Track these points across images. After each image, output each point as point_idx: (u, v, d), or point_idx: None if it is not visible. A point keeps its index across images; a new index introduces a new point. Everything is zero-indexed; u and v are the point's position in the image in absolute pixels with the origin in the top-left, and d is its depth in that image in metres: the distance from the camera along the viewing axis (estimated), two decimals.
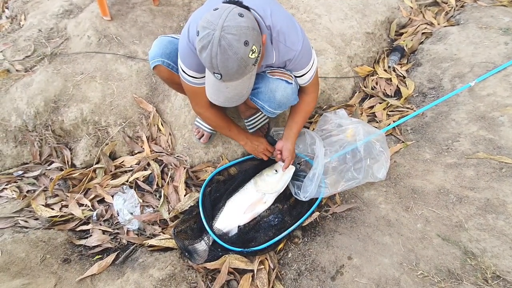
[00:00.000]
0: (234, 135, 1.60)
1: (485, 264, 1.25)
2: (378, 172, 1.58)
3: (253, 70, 1.09)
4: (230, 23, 0.96)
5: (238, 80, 1.06)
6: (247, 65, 1.01)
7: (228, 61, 0.97)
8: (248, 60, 1.00)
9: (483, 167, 1.56)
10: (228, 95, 1.11)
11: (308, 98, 1.48)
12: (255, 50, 1.01)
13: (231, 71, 1.00)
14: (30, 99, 1.88)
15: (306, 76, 1.36)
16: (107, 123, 1.91)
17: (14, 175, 1.85)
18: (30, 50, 2.10)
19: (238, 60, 0.98)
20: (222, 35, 0.95)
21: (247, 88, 1.12)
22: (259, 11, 1.16)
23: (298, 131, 1.53)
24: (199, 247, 1.49)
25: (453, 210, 1.45)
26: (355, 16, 2.32)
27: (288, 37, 1.20)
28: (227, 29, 0.96)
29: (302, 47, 1.23)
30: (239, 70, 1.01)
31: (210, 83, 1.13)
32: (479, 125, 1.73)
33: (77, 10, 2.32)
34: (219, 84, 1.09)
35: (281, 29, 1.18)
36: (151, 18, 2.27)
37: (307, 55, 1.29)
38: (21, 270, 1.36)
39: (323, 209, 1.63)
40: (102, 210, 1.71)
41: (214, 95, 1.13)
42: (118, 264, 1.47)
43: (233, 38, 0.96)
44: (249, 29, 0.98)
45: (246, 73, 1.05)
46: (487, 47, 2.07)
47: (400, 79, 2.20)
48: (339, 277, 1.35)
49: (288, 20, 1.21)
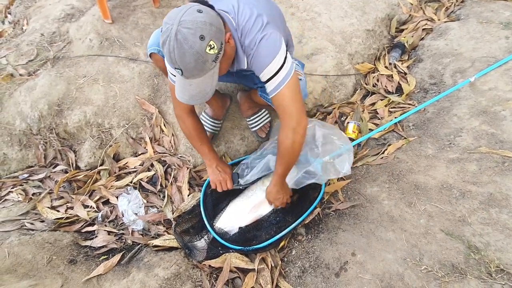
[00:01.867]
0: (203, 152, 1.53)
1: (489, 258, 1.25)
2: (342, 167, 1.53)
3: (214, 67, 1.07)
4: (187, 17, 0.98)
5: (199, 77, 1.06)
6: (205, 60, 1.01)
7: (184, 55, 0.98)
8: (205, 56, 1.00)
9: (485, 161, 1.56)
10: (192, 93, 1.11)
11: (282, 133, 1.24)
12: (214, 46, 1.01)
13: (189, 66, 1.00)
14: (34, 103, 1.90)
15: (271, 83, 1.17)
16: (111, 125, 1.92)
17: (19, 178, 1.88)
18: (33, 54, 2.13)
19: (194, 54, 0.98)
20: (178, 29, 0.97)
21: (210, 86, 1.11)
22: (229, 10, 1.16)
23: (282, 173, 1.37)
24: (199, 244, 1.50)
25: (456, 205, 1.45)
26: (355, 14, 2.33)
27: (250, 33, 1.14)
28: (183, 24, 0.97)
29: (257, 46, 1.13)
30: (197, 65, 1.01)
31: (177, 81, 1.13)
32: (481, 120, 1.73)
33: (78, 13, 2.34)
34: (183, 81, 1.09)
35: (244, 26, 1.15)
36: (152, 20, 2.28)
37: (268, 50, 1.13)
38: (28, 272, 1.38)
39: (325, 206, 1.64)
40: (107, 211, 1.73)
41: (180, 93, 1.13)
42: (124, 264, 1.49)
43: (189, 32, 0.97)
44: (205, 24, 0.99)
45: (206, 69, 1.04)
46: (487, 41, 2.07)
47: (401, 76, 2.20)
48: (343, 274, 1.35)
49: (252, 12, 1.15)
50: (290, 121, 1.20)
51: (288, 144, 1.23)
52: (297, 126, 1.20)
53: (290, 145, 1.23)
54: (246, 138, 1.92)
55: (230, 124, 1.93)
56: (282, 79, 1.16)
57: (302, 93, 1.32)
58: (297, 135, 1.21)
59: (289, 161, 1.31)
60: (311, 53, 2.14)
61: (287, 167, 1.35)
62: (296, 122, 1.19)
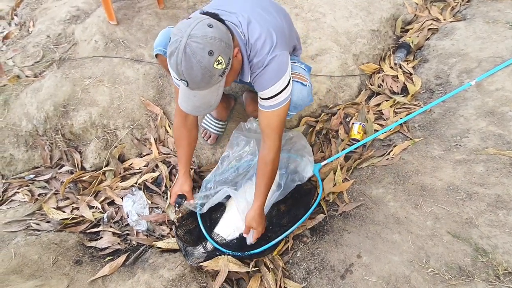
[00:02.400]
0: (180, 161, 1.54)
1: (497, 260, 1.24)
2: (305, 172, 1.55)
3: (220, 82, 1.08)
4: (197, 32, 0.98)
5: (205, 89, 1.06)
6: (212, 75, 1.01)
7: (192, 69, 0.98)
8: (213, 70, 1.00)
9: (492, 162, 1.54)
10: (196, 104, 1.11)
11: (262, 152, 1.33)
12: (222, 61, 1.01)
13: (196, 79, 1.01)
14: (40, 104, 1.91)
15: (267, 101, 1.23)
16: (116, 126, 1.93)
17: (25, 179, 1.89)
18: (39, 55, 2.14)
19: (201, 68, 0.98)
20: (188, 43, 0.96)
21: (215, 99, 1.11)
22: (238, 24, 1.17)
23: (261, 194, 1.38)
24: (197, 250, 1.49)
25: (463, 207, 1.43)
26: (359, 14, 2.32)
27: (259, 53, 1.17)
28: (193, 37, 0.97)
29: (265, 68, 1.17)
30: (204, 79, 1.01)
31: (181, 91, 1.13)
32: (488, 121, 1.71)
33: (84, 15, 2.36)
34: (188, 91, 1.09)
35: (254, 45, 1.16)
36: (156, 21, 2.29)
37: (274, 74, 1.18)
38: (34, 272, 1.39)
39: (330, 208, 1.63)
40: (112, 212, 1.73)
41: (184, 102, 1.13)
42: (129, 265, 1.49)
43: (198, 46, 0.97)
44: (215, 40, 0.99)
45: (212, 83, 1.05)
46: (494, 41, 2.05)
47: (407, 76, 2.19)
48: (349, 276, 1.34)
49: (262, 30, 1.17)
50: (274, 144, 1.30)
51: (274, 166, 1.34)
52: (278, 150, 1.33)
53: (274, 166, 1.34)
54: None
55: (235, 125, 1.93)
56: (279, 102, 1.23)
57: (307, 99, 1.37)
58: (277, 157, 1.34)
59: (271, 182, 1.38)
60: (315, 54, 2.13)
61: (268, 188, 1.39)
62: (278, 146, 1.32)
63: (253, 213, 1.39)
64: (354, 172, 1.77)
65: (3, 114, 1.94)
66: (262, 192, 1.37)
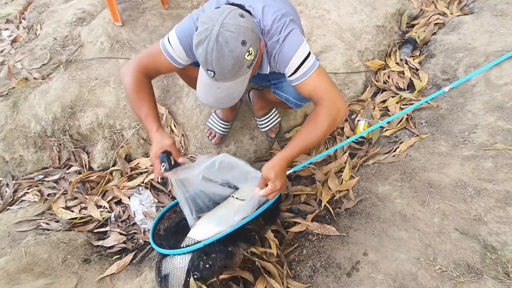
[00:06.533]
0: (146, 119, 1.21)
1: (506, 257, 1.22)
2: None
3: (247, 73, 1.06)
4: (230, 21, 0.96)
5: (231, 80, 1.04)
6: (241, 66, 0.99)
7: (223, 58, 0.96)
8: (243, 61, 0.99)
9: (501, 158, 1.52)
10: (219, 96, 1.08)
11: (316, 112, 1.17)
12: (252, 52, 1.00)
13: (225, 69, 0.98)
14: (48, 106, 1.94)
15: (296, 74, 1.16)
16: (122, 126, 1.95)
17: (35, 179, 1.92)
18: (46, 58, 2.17)
19: (233, 58, 0.96)
20: (221, 31, 0.95)
21: (239, 91, 1.09)
22: (254, 14, 1.14)
23: (293, 147, 1.17)
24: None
25: (471, 203, 1.41)
26: (364, 10, 2.29)
27: (274, 34, 1.14)
28: (226, 26, 0.95)
29: (282, 44, 1.14)
30: (233, 69, 0.99)
31: (202, 82, 1.10)
32: (496, 116, 1.68)
33: (89, 17, 2.38)
34: (211, 83, 1.06)
35: (269, 29, 1.14)
36: (161, 22, 2.31)
37: (292, 45, 1.14)
38: (44, 271, 1.41)
39: (336, 205, 1.62)
40: (120, 211, 1.75)
41: (205, 95, 1.10)
42: (136, 264, 1.51)
43: (231, 35, 0.95)
44: (248, 30, 0.98)
45: (240, 74, 1.03)
46: (503, 35, 2.01)
47: (413, 72, 2.16)
48: (355, 273, 1.34)
49: (276, 14, 1.15)
50: (327, 103, 1.14)
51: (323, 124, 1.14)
52: (332, 109, 1.13)
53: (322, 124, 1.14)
54: (256, 137, 1.92)
55: (240, 123, 1.93)
56: (310, 67, 1.15)
57: None
58: (330, 117, 1.13)
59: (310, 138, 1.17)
60: (320, 51, 2.12)
61: (304, 145, 1.17)
62: (331, 104, 1.13)
63: (273, 163, 1.15)
64: (360, 169, 1.76)
65: (12, 116, 1.98)
66: (295, 145, 1.17)
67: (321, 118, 1.15)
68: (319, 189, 1.66)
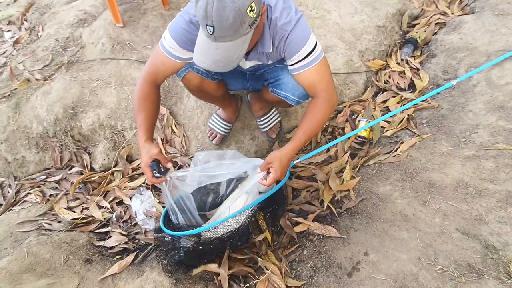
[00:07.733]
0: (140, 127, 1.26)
1: (508, 257, 1.22)
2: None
3: (248, 34, 1.00)
4: None
5: (231, 40, 0.98)
6: (243, 22, 0.94)
7: (224, 9, 0.90)
8: (245, 16, 0.93)
9: (503, 158, 1.51)
10: (217, 57, 1.02)
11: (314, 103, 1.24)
12: (254, 9, 0.94)
13: (226, 23, 0.92)
14: (50, 107, 1.95)
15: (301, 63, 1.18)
16: (123, 127, 1.96)
17: (37, 180, 1.93)
18: (48, 59, 2.18)
19: (234, 10, 0.91)
20: None
21: (238, 54, 1.03)
22: None
23: (299, 139, 1.23)
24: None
25: (472, 203, 1.41)
26: (365, 10, 2.29)
27: (281, 17, 1.12)
28: None
29: (294, 26, 1.12)
30: (234, 24, 0.93)
31: (200, 44, 1.05)
32: (498, 115, 1.68)
33: (91, 18, 2.39)
34: (209, 43, 1.00)
35: (276, 5, 1.12)
36: (162, 23, 2.31)
37: (301, 36, 1.14)
38: (46, 271, 1.42)
39: (336, 205, 1.62)
40: (121, 212, 1.76)
41: (202, 57, 1.04)
42: (137, 264, 1.51)
43: None
44: None
45: (241, 33, 0.97)
46: (504, 34, 2.00)
47: (414, 72, 2.16)
48: (356, 274, 1.34)
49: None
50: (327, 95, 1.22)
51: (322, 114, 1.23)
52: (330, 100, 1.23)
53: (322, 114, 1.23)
54: (257, 138, 1.92)
55: (240, 124, 1.94)
56: (316, 56, 1.18)
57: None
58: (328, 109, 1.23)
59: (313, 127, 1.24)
60: None
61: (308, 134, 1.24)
62: (331, 96, 1.22)
63: (280, 153, 1.20)
64: (361, 169, 1.76)
65: (14, 117, 1.99)
66: (300, 136, 1.22)
67: (324, 110, 1.23)
68: (321, 188, 1.66)
